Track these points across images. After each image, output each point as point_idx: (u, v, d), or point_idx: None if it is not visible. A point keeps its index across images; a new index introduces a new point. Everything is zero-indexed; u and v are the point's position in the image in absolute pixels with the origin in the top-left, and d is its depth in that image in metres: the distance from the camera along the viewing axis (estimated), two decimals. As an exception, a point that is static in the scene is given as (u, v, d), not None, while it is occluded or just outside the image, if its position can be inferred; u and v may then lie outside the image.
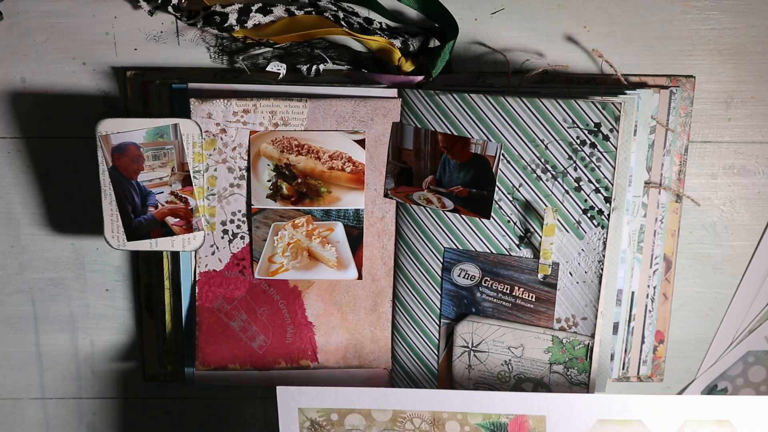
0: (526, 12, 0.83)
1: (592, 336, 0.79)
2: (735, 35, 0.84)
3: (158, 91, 0.82)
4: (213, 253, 0.83)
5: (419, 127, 0.79)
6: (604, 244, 0.77)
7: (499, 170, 0.78)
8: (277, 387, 0.79)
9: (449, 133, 0.79)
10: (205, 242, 0.82)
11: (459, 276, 0.82)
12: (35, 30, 0.83)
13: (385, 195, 0.82)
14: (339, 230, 0.83)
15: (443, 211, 0.80)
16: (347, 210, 0.82)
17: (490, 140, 0.78)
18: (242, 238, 0.82)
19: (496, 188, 0.79)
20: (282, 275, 0.83)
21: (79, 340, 0.91)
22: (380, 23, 0.82)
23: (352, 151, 0.81)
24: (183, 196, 0.80)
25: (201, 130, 0.79)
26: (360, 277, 0.84)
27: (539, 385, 0.81)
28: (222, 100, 0.79)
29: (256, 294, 0.84)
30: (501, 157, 0.78)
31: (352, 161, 0.81)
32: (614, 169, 0.76)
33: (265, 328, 0.84)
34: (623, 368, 0.89)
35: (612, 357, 0.87)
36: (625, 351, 0.88)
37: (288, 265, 0.83)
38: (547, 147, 0.77)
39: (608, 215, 0.77)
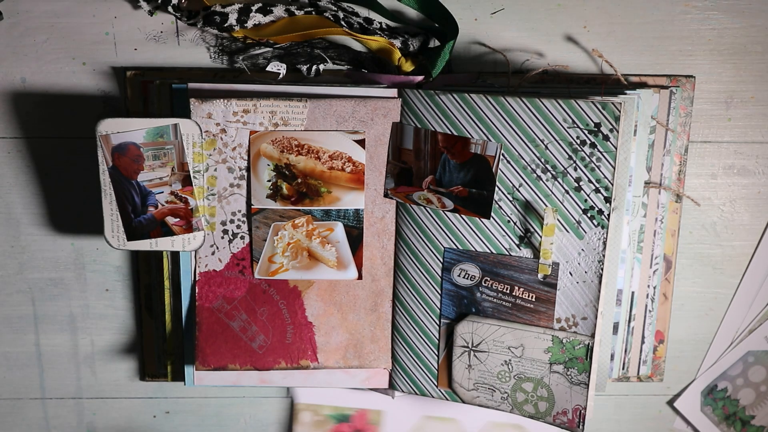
0: (526, 12, 0.83)
1: (592, 336, 0.79)
2: (735, 35, 0.84)
3: (158, 91, 0.82)
4: (213, 253, 0.83)
5: (419, 127, 0.79)
6: (604, 244, 0.77)
7: (499, 170, 0.78)
8: None
9: (449, 133, 0.79)
10: (205, 242, 0.82)
11: (459, 276, 0.82)
12: (35, 30, 0.83)
13: (385, 195, 0.82)
14: (339, 230, 0.83)
15: (443, 211, 0.80)
16: (347, 210, 0.82)
17: (490, 140, 0.78)
18: (242, 238, 0.82)
19: (496, 188, 0.79)
20: (282, 275, 0.83)
21: (79, 340, 0.91)
22: (380, 23, 0.82)
23: (353, 151, 0.81)
24: (183, 196, 0.80)
25: (201, 130, 0.79)
26: (360, 277, 0.84)
27: (539, 384, 0.81)
28: (222, 100, 0.79)
29: (256, 294, 0.84)
30: (501, 157, 0.78)
31: (352, 161, 0.81)
32: (614, 169, 0.76)
33: (265, 328, 0.84)
34: (623, 368, 0.89)
35: (612, 357, 0.87)
36: (625, 351, 0.88)
37: (288, 265, 0.83)
38: (547, 147, 0.77)
39: (608, 215, 0.77)
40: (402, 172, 0.81)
